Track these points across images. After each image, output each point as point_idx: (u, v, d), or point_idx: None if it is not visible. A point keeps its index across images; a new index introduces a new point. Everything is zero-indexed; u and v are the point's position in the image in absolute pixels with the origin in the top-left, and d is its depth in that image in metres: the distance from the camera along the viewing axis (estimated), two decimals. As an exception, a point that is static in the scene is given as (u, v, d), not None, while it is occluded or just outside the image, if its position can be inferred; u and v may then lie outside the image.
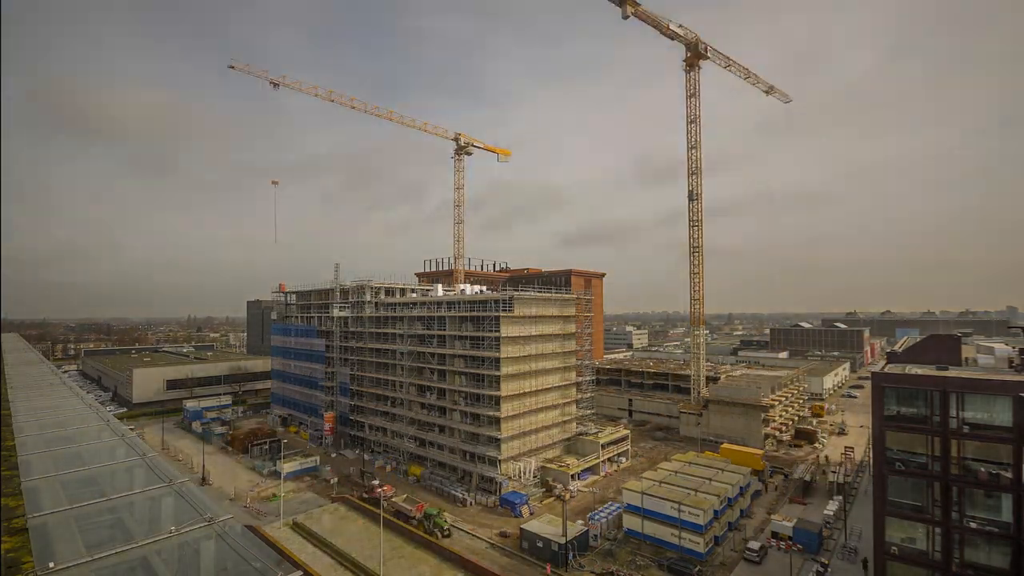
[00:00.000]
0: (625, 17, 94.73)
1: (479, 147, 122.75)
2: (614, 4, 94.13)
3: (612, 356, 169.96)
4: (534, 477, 74.37)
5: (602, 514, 60.86)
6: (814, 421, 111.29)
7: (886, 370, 44.17)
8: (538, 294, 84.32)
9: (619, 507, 62.71)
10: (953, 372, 41.90)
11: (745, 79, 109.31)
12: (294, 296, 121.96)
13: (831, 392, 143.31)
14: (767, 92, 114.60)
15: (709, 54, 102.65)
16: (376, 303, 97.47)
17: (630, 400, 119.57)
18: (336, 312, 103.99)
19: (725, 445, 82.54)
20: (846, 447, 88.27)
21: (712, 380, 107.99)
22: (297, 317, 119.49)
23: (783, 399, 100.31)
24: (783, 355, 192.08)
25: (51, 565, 6.69)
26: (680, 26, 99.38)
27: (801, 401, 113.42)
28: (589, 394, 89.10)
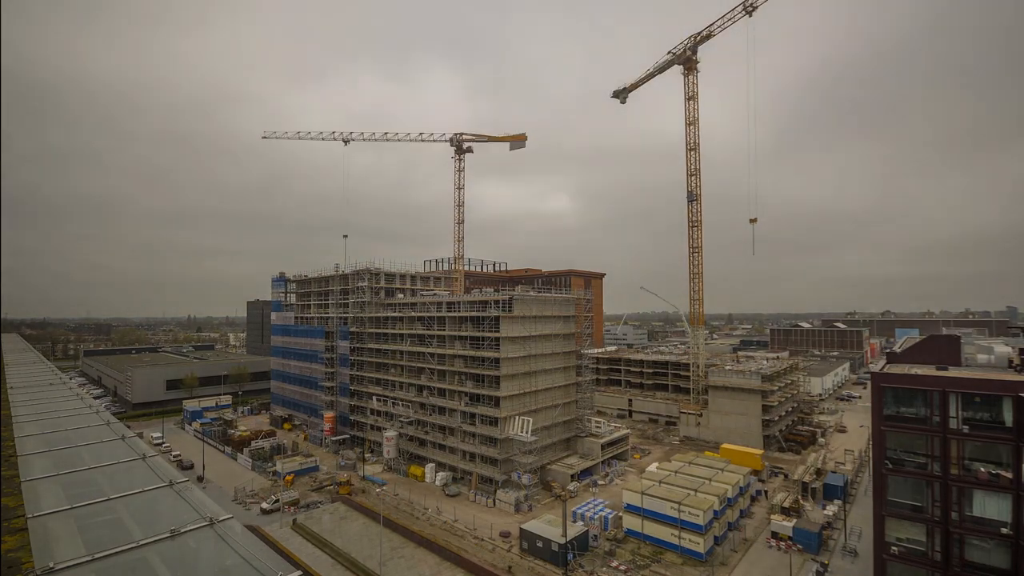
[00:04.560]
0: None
1: (483, 140, 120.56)
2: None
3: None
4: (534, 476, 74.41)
5: (587, 508, 62.14)
6: (814, 421, 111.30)
7: (886, 370, 44.17)
8: (538, 295, 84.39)
9: (602, 503, 64.45)
10: (953, 372, 41.91)
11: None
12: (294, 285, 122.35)
13: (831, 392, 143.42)
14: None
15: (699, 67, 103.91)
16: (376, 303, 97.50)
17: (630, 400, 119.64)
18: (335, 302, 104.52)
19: (725, 445, 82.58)
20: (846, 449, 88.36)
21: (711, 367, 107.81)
22: (296, 310, 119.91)
23: (782, 385, 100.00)
24: (783, 355, 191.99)
25: (51, 565, 6.68)
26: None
27: (801, 401, 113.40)
28: (589, 394, 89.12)
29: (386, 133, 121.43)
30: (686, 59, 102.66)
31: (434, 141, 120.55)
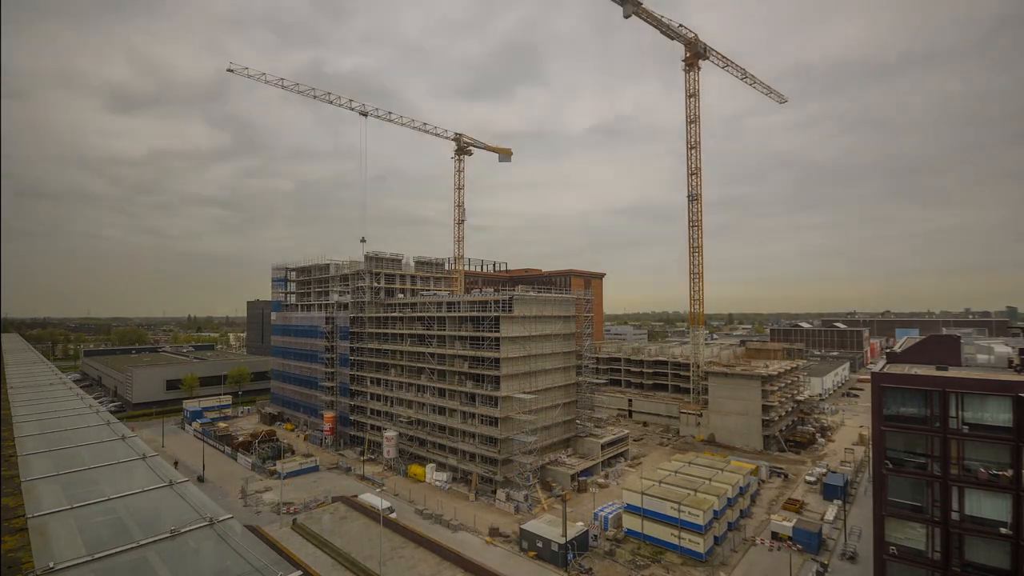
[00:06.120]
0: (627, 16, 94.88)
1: (480, 147, 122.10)
2: (616, 3, 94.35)
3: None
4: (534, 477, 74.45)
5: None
6: (814, 421, 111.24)
7: (886, 370, 44.17)
8: (538, 295, 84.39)
9: (615, 505, 63.66)
10: (953, 372, 41.91)
11: (742, 79, 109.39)
12: (294, 274, 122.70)
13: (831, 392, 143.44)
14: (766, 94, 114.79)
15: (708, 54, 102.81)
16: (376, 303, 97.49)
17: (630, 400, 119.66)
18: (336, 301, 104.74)
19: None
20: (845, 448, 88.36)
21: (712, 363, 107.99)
22: (297, 307, 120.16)
23: (782, 381, 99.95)
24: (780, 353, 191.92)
25: (51, 565, 6.69)
26: (680, 25, 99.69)
27: (801, 401, 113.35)
28: (589, 394, 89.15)
29: (390, 113, 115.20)
30: (693, 52, 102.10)
31: (437, 135, 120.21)
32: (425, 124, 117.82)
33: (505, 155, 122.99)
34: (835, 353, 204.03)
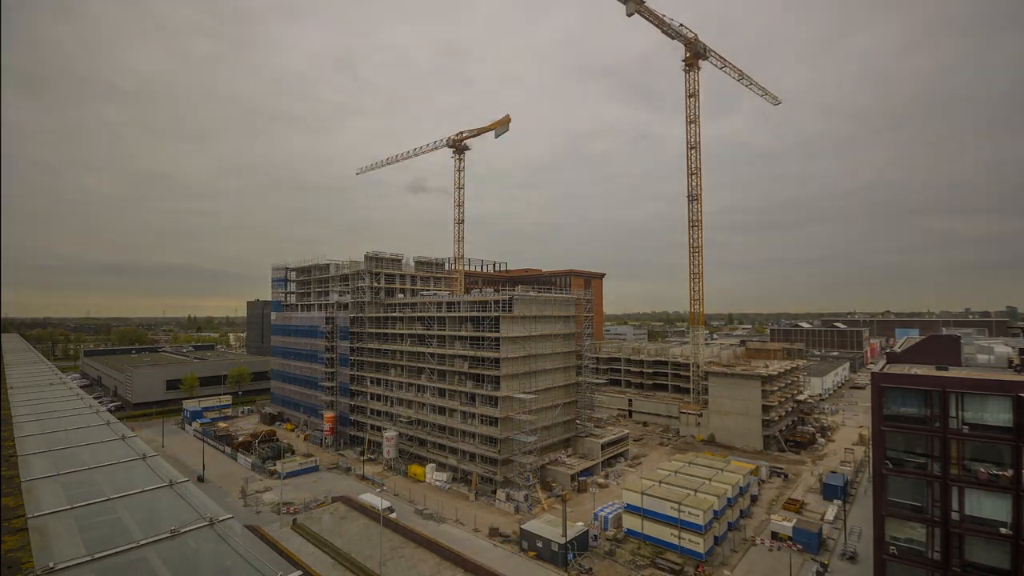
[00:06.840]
0: (629, 14, 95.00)
1: (474, 134, 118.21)
2: (619, 1, 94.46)
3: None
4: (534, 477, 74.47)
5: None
6: (814, 421, 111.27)
7: (886, 370, 44.15)
8: (538, 295, 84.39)
9: (615, 505, 63.42)
10: (953, 372, 41.90)
11: (739, 80, 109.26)
12: (294, 274, 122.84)
13: (831, 392, 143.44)
14: (762, 95, 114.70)
15: (708, 54, 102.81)
16: (376, 303, 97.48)
17: (630, 400, 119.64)
18: (336, 301, 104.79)
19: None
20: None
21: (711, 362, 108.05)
22: (297, 307, 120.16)
23: (782, 381, 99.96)
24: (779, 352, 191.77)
25: (51, 565, 6.69)
26: (681, 25, 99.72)
27: (801, 400, 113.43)
28: (589, 394, 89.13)
29: (387, 159, 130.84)
30: (693, 52, 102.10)
31: (435, 149, 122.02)
32: (421, 147, 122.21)
33: (502, 127, 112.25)
34: (835, 353, 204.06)
